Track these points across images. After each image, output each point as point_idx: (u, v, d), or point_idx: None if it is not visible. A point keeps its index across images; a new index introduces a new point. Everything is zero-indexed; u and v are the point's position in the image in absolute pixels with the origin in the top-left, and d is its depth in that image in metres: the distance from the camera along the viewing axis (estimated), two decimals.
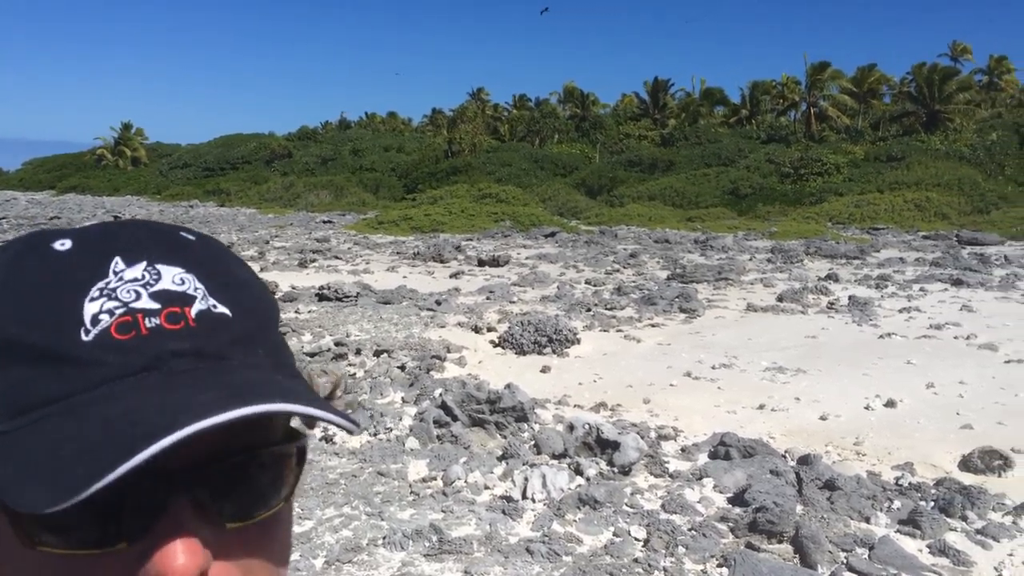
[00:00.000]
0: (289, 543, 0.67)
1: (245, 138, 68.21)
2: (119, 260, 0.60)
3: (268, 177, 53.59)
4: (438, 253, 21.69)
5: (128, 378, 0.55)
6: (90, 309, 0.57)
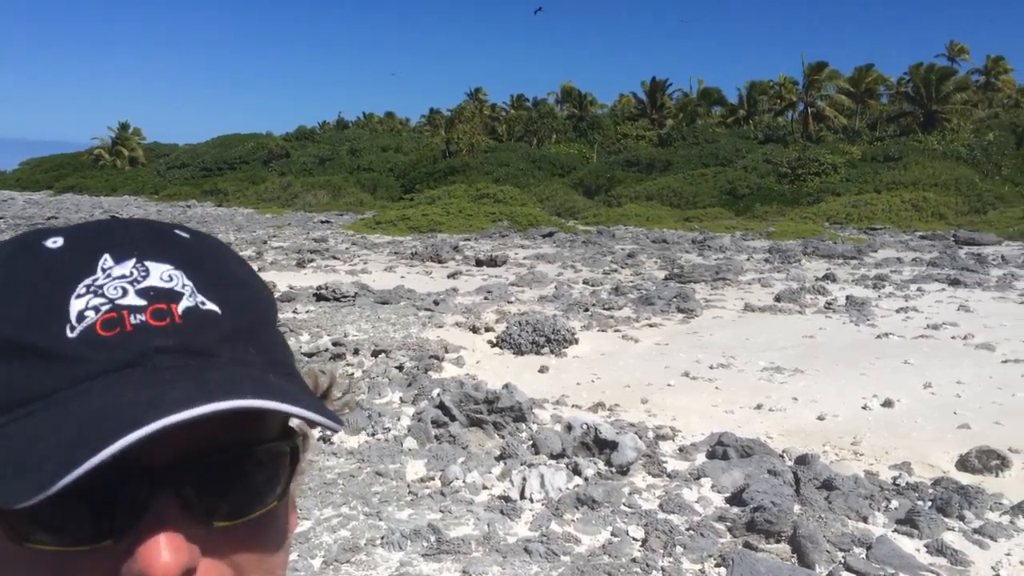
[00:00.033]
0: (285, 543, 0.66)
1: (243, 138, 68.21)
2: (108, 257, 0.60)
3: (266, 177, 53.59)
4: (436, 253, 21.68)
5: (112, 374, 0.55)
6: (76, 306, 0.57)
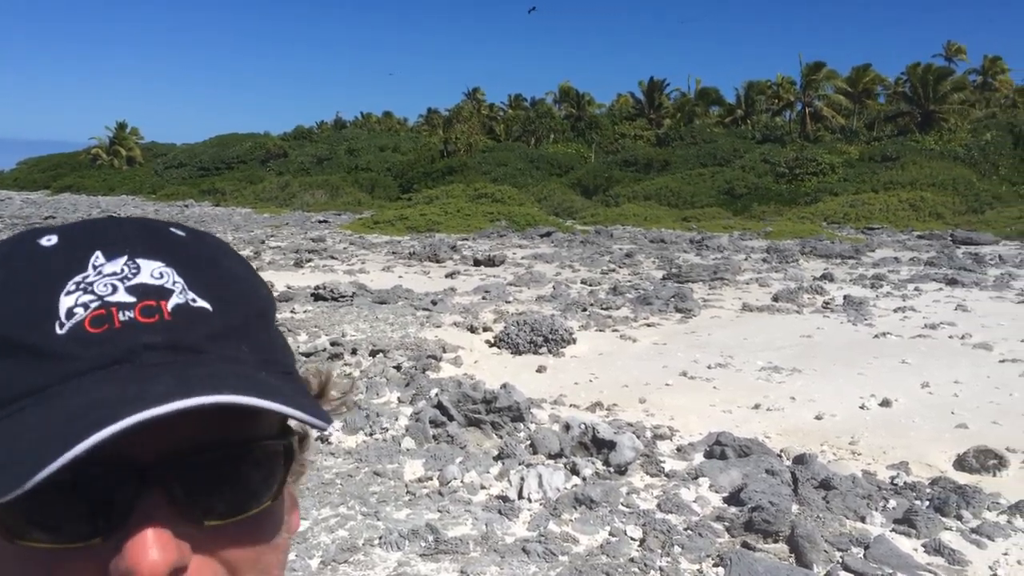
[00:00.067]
0: (282, 543, 0.65)
1: (240, 138, 68.14)
2: (100, 254, 0.60)
3: (263, 177, 53.55)
4: (434, 253, 21.67)
5: (99, 371, 0.55)
6: (65, 303, 0.57)
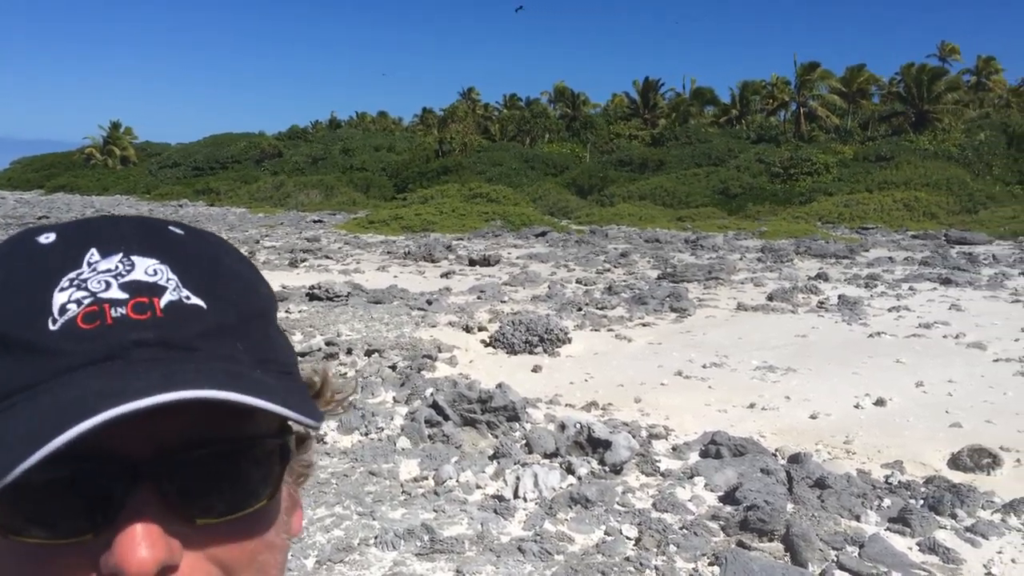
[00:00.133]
0: (279, 544, 0.64)
1: (235, 137, 68.00)
2: (95, 252, 0.60)
3: (258, 176, 53.45)
4: (429, 253, 21.66)
5: (91, 367, 0.54)
6: (59, 299, 0.57)
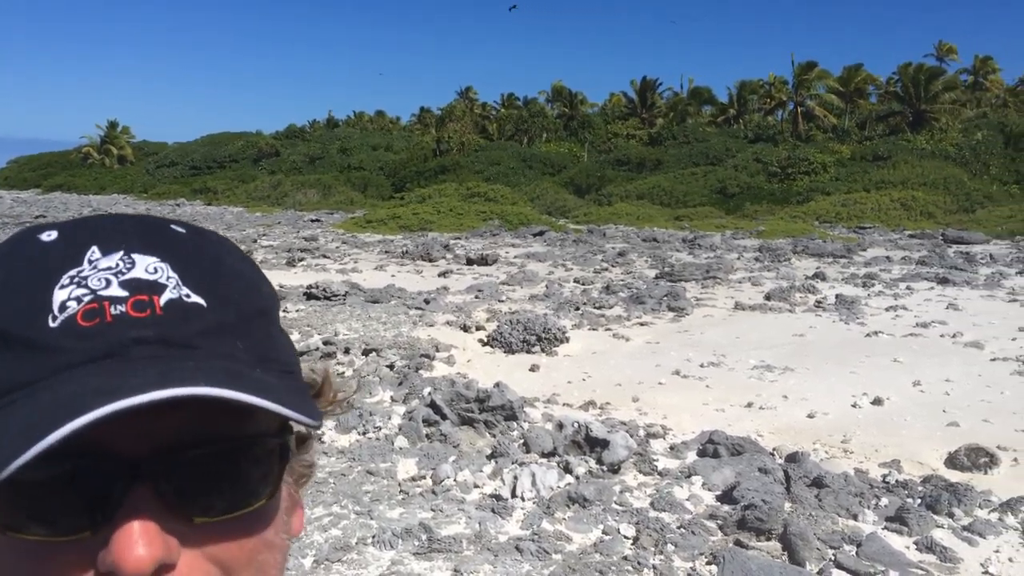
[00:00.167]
0: (279, 544, 0.64)
1: (232, 136, 67.96)
2: (96, 249, 0.60)
3: (255, 176, 53.41)
4: (426, 252, 21.65)
5: (90, 364, 0.54)
6: (59, 296, 0.57)
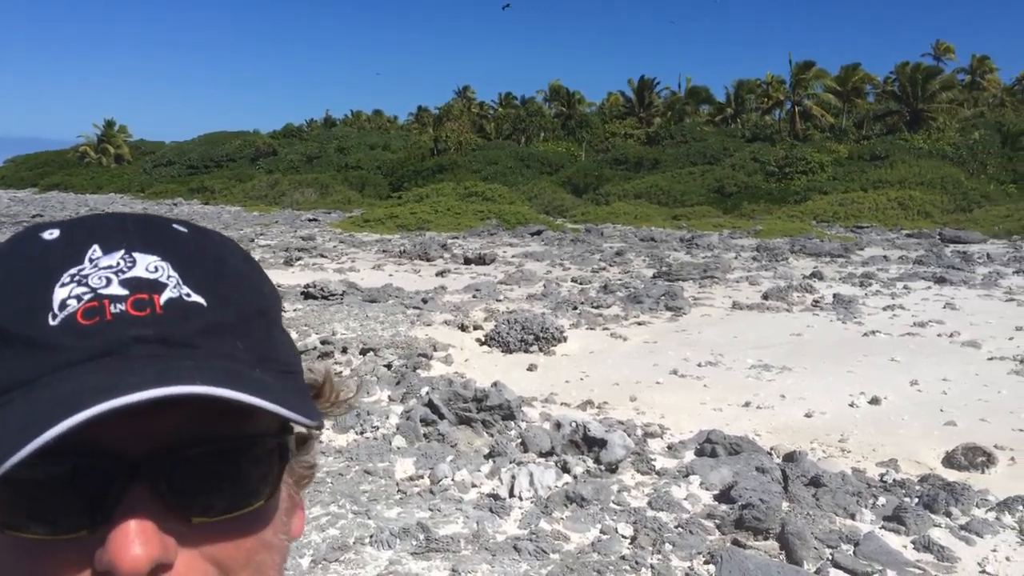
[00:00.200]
0: (278, 544, 0.64)
1: (230, 136, 67.97)
2: (97, 248, 0.60)
3: (253, 175, 53.42)
4: (424, 251, 21.65)
5: (89, 362, 0.54)
6: (59, 294, 0.57)
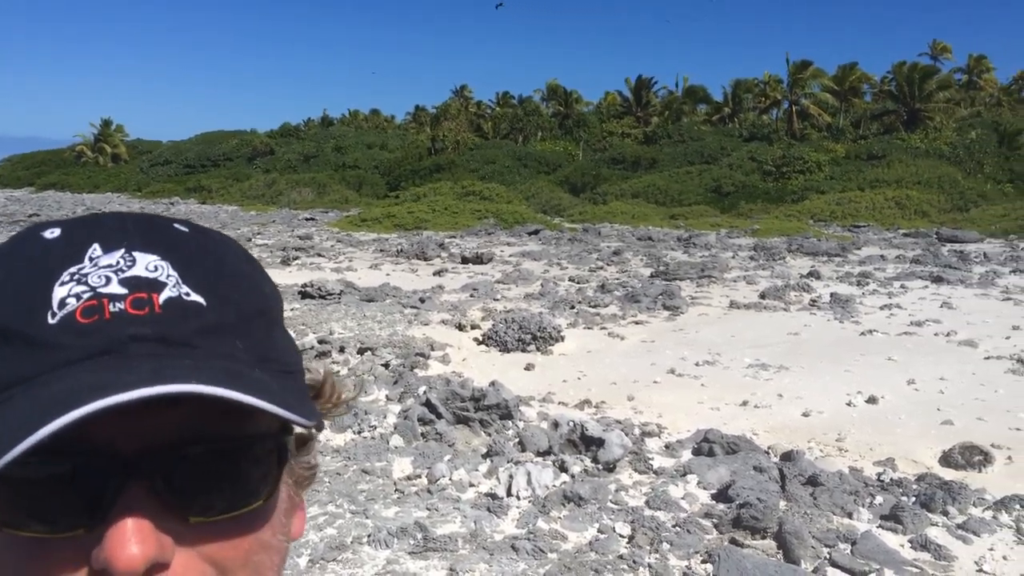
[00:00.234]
0: (277, 545, 0.64)
1: (227, 135, 67.92)
2: (97, 247, 0.60)
3: (250, 174, 53.40)
4: (421, 251, 21.63)
5: (87, 361, 0.54)
6: (59, 293, 0.57)
